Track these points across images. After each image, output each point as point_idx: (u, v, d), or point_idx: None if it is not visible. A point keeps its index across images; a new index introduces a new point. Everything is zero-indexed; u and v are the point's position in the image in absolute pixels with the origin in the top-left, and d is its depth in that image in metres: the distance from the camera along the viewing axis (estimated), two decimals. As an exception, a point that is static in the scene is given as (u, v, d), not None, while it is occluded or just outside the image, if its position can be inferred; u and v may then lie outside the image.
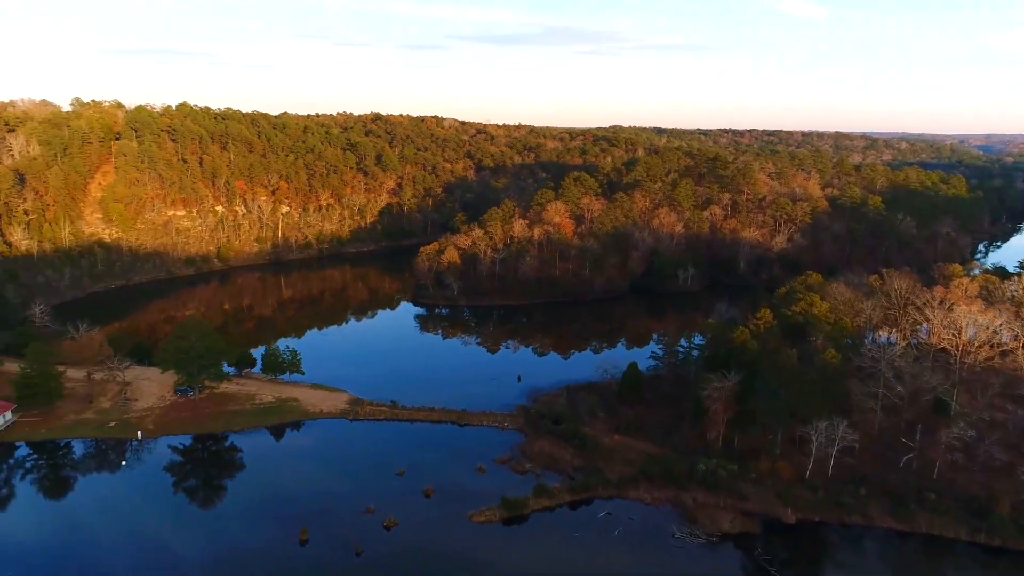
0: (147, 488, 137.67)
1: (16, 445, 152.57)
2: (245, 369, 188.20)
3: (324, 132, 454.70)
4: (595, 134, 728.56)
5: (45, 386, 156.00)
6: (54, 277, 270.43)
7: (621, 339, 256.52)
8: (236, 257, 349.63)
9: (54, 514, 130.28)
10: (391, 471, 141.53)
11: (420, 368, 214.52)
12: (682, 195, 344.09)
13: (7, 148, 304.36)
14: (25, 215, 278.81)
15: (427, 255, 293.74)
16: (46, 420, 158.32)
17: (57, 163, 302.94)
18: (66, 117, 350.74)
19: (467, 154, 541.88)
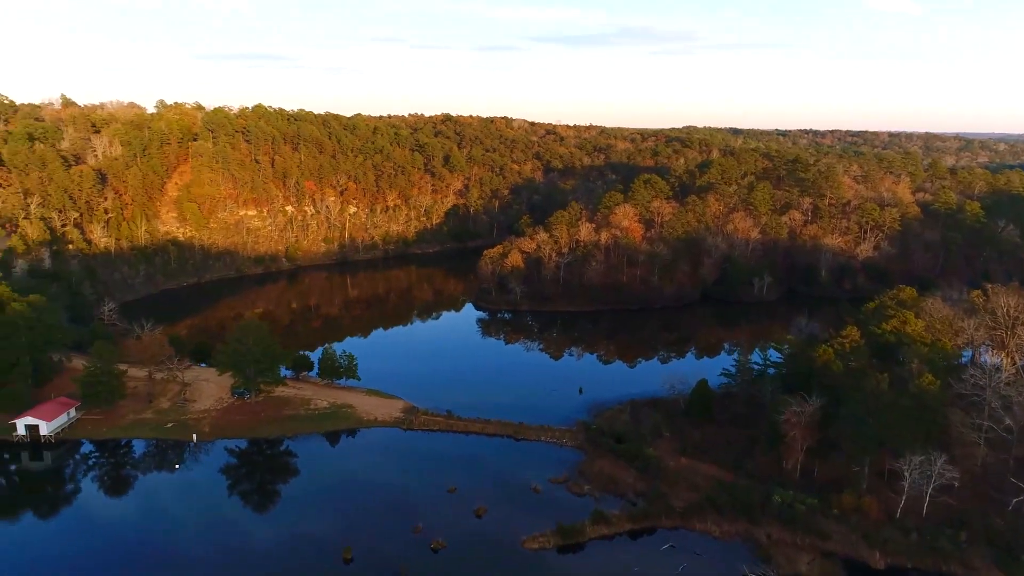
0: (201, 491, 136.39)
1: (81, 443, 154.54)
2: (302, 372, 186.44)
3: (393, 133, 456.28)
4: (668, 135, 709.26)
5: (107, 385, 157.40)
6: (130, 274, 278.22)
7: (690, 349, 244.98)
8: (304, 257, 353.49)
9: (111, 512, 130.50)
10: (442, 487, 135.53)
11: (479, 375, 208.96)
12: (759, 199, 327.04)
13: (92, 149, 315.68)
14: (105, 213, 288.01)
15: (490, 258, 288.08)
16: (108, 418, 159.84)
17: (136, 163, 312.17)
18: (148, 119, 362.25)
19: (535, 155, 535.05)
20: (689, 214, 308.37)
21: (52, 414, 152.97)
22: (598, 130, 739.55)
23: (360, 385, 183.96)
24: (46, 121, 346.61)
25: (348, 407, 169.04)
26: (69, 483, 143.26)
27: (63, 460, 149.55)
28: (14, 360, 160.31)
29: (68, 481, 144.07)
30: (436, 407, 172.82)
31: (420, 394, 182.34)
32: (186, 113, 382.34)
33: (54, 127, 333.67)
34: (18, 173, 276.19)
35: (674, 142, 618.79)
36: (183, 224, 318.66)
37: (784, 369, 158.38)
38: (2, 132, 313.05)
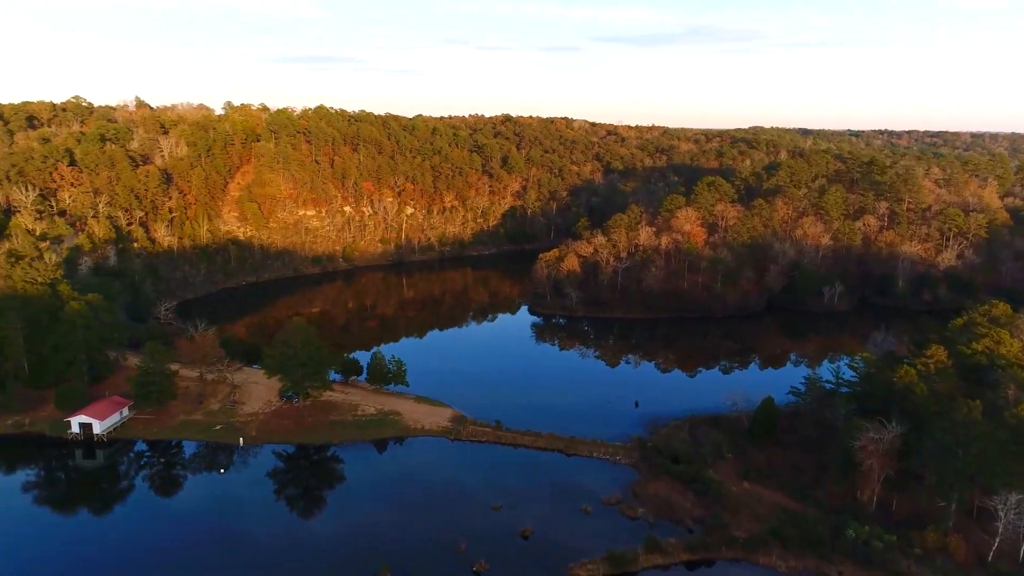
0: (244, 498, 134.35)
1: (132, 442, 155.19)
2: (351, 377, 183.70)
3: (452, 134, 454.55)
4: (733, 135, 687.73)
5: (158, 386, 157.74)
6: (191, 273, 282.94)
7: (754, 360, 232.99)
8: (360, 257, 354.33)
9: (157, 513, 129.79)
10: (488, 503, 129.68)
11: (531, 382, 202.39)
12: (831, 203, 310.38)
13: (159, 149, 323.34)
14: (169, 213, 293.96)
15: (546, 262, 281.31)
16: (159, 418, 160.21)
17: (201, 163, 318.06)
18: (214, 120, 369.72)
19: (595, 156, 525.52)
20: (755, 218, 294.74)
21: (105, 413, 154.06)
22: (660, 130, 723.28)
23: (409, 391, 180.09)
24: (119, 123, 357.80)
25: (396, 414, 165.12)
26: (120, 483, 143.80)
27: (115, 459, 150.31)
28: (71, 358, 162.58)
29: (119, 481, 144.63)
30: (485, 417, 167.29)
31: (469, 401, 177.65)
32: (251, 114, 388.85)
33: (125, 128, 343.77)
34: (89, 173, 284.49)
35: (740, 143, 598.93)
36: (244, 224, 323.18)
37: (859, 389, 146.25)
38: (76, 133, 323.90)
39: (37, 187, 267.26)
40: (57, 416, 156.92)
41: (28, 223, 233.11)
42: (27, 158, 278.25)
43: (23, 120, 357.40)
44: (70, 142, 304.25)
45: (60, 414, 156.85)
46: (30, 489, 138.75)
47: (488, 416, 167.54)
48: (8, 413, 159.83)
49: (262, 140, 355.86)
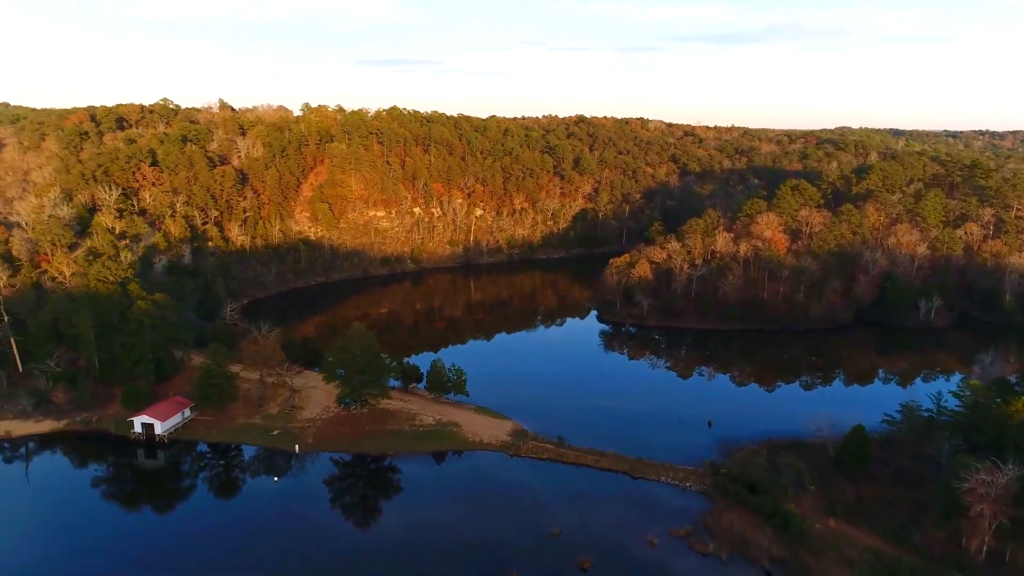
0: (296, 508, 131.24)
1: (192, 444, 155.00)
2: (411, 384, 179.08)
3: (524, 134, 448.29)
4: (818, 136, 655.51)
5: (219, 388, 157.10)
6: (262, 272, 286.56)
7: (838, 376, 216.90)
8: (429, 258, 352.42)
9: (212, 517, 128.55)
10: (545, 528, 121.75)
11: (597, 393, 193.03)
12: (928, 209, 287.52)
13: (236, 150, 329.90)
14: (243, 212, 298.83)
15: (616, 268, 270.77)
16: (218, 421, 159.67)
17: (275, 164, 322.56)
18: (290, 121, 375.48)
19: (671, 158, 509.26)
20: (843, 225, 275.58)
21: (167, 414, 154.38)
22: (740, 131, 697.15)
23: (468, 401, 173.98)
24: (200, 124, 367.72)
25: (454, 425, 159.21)
26: (178, 485, 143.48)
27: (174, 460, 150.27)
28: (138, 357, 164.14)
29: (177, 483, 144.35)
30: (547, 431, 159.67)
31: (531, 413, 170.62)
32: (326, 116, 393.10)
33: (206, 130, 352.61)
34: (169, 173, 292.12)
35: (826, 144, 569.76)
36: (315, 224, 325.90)
37: (965, 420, 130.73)
38: (160, 134, 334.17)
39: (120, 186, 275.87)
40: (123, 414, 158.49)
41: (109, 221, 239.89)
42: (113, 158, 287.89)
43: (113, 122, 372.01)
44: (153, 143, 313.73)
45: (126, 412, 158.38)
46: (94, 486, 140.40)
47: (550, 430, 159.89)
48: (79, 409, 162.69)
49: (335, 141, 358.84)
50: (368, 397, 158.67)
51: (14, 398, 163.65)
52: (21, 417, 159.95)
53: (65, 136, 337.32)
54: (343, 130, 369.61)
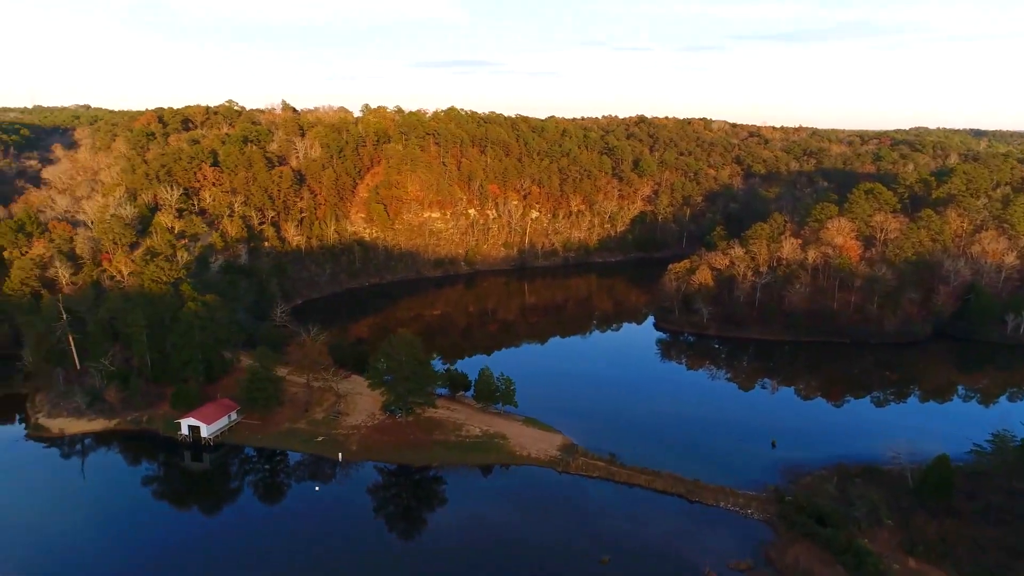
0: (338, 519, 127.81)
1: (237, 448, 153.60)
2: (459, 392, 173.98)
3: (582, 135, 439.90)
4: (892, 137, 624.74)
5: (265, 392, 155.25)
6: (317, 273, 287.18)
7: (913, 392, 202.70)
8: (483, 261, 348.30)
9: (253, 524, 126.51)
10: (594, 555, 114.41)
11: (652, 406, 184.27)
12: (1017, 215, 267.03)
13: (295, 151, 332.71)
14: (300, 213, 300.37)
15: (675, 274, 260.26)
16: (264, 425, 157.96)
17: (332, 165, 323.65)
18: (348, 122, 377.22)
19: (735, 159, 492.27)
20: (922, 231, 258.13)
21: (213, 416, 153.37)
22: (809, 131, 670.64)
23: (517, 411, 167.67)
24: (261, 125, 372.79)
25: (501, 437, 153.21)
26: (221, 489, 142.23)
27: (219, 464, 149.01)
28: (188, 358, 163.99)
29: (221, 487, 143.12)
30: (598, 445, 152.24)
31: (582, 425, 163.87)
32: (384, 116, 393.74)
33: (267, 130, 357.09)
34: (229, 173, 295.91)
35: (901, 145, 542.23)
36: (370, 225, 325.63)
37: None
38: (222, 135, 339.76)
39: (182, 186, 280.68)
40: (172, 415, 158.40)
41: (168, 221, 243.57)
42: (176, 158, 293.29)
43: (179, 123, 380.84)
44: (215, 144, 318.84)
45: (175, 413, 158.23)
46: (142, 486, 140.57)
47: (601, 445, 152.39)
48: (130, 408, 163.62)
49: (392, 142, 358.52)
50: (414, 406, 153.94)
51: (70, 396, 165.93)
52: (75, 415, 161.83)
53: (133, 137, 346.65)
54: (400, 131, 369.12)
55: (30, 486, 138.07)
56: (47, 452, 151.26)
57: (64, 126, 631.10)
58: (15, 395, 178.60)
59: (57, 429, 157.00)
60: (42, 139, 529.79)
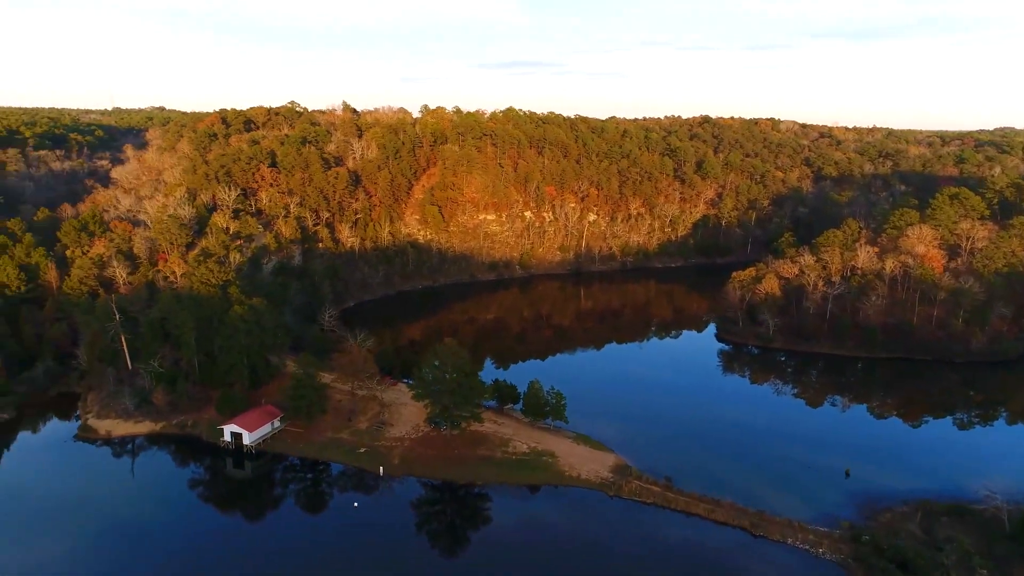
0: (383, 529, 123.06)
1: (279, 457, 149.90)
2: (507, 405, 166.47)
3: (644, 136, 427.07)
4: (977, 138, 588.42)
5: (309, 399, 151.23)
6: (370, 275, 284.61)
7: (1001, 415, 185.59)
8: (538, 265, 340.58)
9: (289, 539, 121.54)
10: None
11: (713, 423, 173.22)
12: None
13: (352, 152, 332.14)
14: (354, 214, 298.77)
15: (740, 282, 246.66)
16: (307, 433, 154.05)
17: (387, 166, 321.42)
18: (405, 123, 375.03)
19: (805, 161, 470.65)
20: (1014, 240, 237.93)
21: (256, 423, 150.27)
22: (884, 132, 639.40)
23: (567, 427, 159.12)
24: (321, 126, 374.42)
25: (549, 455, 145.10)
26: (262, 498, 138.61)
27: (260, 472, 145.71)
28: (233, 363, 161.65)
29: (261, 496, 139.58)
30: (652, 467, 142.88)
31: (636, 443, 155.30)
32: (442, 117, 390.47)
33: (325, 131, 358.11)
34: (285, 174, 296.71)
35: (986, 147, 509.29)
36: (424, 227, 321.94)
37: None
38: (281, 136, 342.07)
39: (240, 187, 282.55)
40: (217, 420, 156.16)
41: (224, 222, 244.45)
42: (235, 159, 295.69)
43: (241, 124, 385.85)
44: (274, 144, 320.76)
45: (219, 418, 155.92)
46: (187, 489, 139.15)
47: (656, 466, 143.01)
48: (176, 412, 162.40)
49: (449, 143, 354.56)
50: (459, 420, 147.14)
51: (119, 397, 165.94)
52: (123, 416, 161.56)
53: (196, 138, 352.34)
54: (457, 132, 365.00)
55: (73, 489, 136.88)
56: (93, 454, 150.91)
57: (138, 127, 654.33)
58: (70, 394, 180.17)
59: (104, 431, 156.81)
60: (116, 140, 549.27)
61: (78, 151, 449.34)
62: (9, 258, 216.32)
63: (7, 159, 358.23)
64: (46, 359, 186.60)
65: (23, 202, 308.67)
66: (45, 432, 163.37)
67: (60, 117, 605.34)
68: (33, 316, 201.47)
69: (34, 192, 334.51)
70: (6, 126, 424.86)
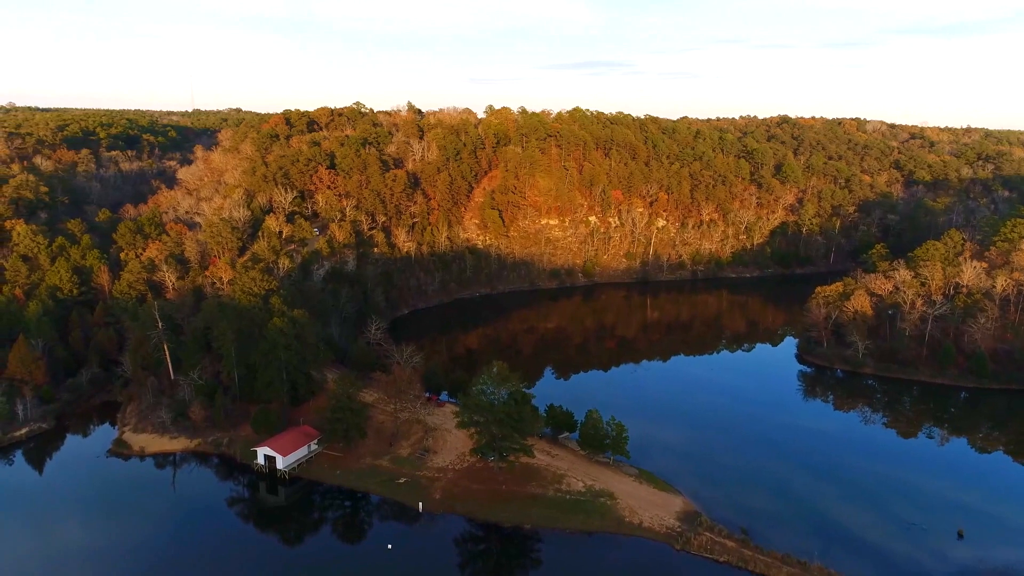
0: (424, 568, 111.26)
1: (314, 485, 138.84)
2: (562, 434, 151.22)
3: (718, 137, 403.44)
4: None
5: (346, 423, 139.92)
6: (425, 281, 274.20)
7: None
8: (602, 273, 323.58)
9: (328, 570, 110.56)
10: None
11: (794, 459, 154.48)
12: None
13: (412, 153, 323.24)
14: (411, 218, 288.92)
15: (825, 298, 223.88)
16: (345, 458, 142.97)
17: (447, 168, 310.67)
18: (467, 124, 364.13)
19: (894, 164, 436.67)
20: None
21: (291, 447, 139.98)
22: (981, 133, 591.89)
23: (629, 462, 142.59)
24: (383, 127, 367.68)
25: (608, 496, 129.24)
26: (293, 529, 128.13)
27: (294, 500, 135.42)
28: (270, 379, 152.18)
29: (293, 526, 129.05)
30: (726, 515, 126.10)
31: (706, 483, 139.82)
32: (506, 118, 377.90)
33: (387, 132, 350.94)
34: (343, 176, 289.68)
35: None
36: (483, 231, 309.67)
37: None
38: (342, 137, 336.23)
39: (297, 188, 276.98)
40: (252, 439, 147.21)
41: (277, 225, 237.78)
42: (293, 161, 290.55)
43: (304, 125, 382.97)
44: (334, 146, 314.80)
45: (255, 438, 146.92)
46: (223, 510, 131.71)
47: (730, 513, 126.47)
48: (213, 428, 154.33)
49: (512, 144, 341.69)
50: (507, 452, 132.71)
51: (157, 410, 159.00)
52: (159, 431, 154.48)
53: (258, 139, 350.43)
54: (520, 133, 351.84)
55: (95, 512, 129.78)
56: (123, 472, 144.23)
57: (213, 128, 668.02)
58: (113, 403, 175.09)
59: (138, 447, 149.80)
60: (189, 141, 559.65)
61: (149, 152, 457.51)
62: (65, 260, 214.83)
63: (79, 159, 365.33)
64: (92, 366, 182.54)
65: (89, 202, 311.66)
66: (80, 445, 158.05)
67: (139, 118, 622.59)
68: (84, 320, 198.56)
69: (100, 192, 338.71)
70: (82, 127, 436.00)
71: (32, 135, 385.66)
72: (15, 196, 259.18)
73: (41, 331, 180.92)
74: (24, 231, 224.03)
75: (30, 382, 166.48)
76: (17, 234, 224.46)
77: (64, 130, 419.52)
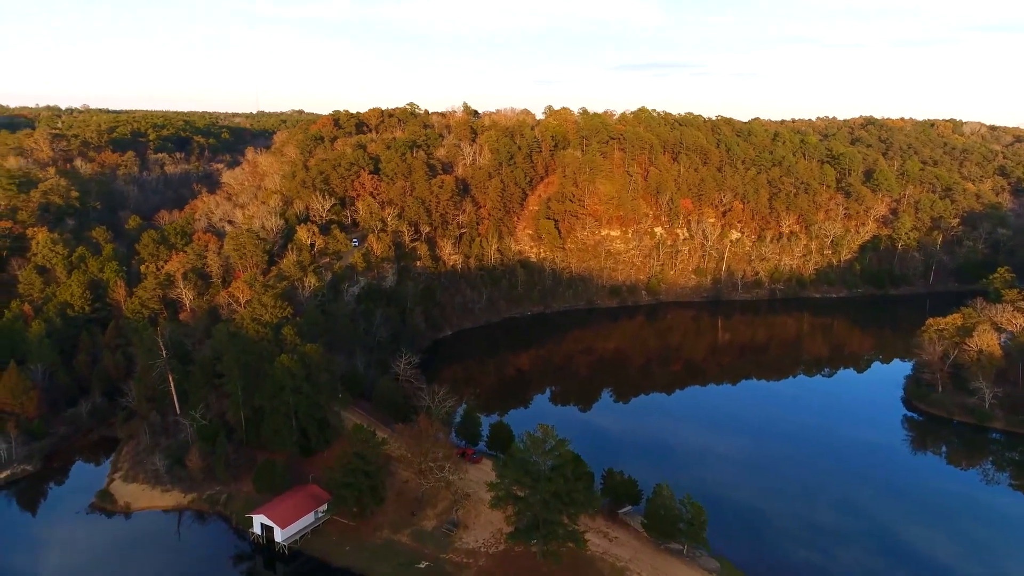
0: None
1: (316, 565, 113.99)
2: (624, 508, 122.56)
3: (799, 140, 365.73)
4: None
5: (358, 488, 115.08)
6: (472, 298, 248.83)
7: None
8: (668, 290, 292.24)
9: None
10: None
11: (913, 544, 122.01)
12: None
13: (462, 158, 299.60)
14: (458, 228, 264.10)
15: (940, 332, 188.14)
16: (359, 529, 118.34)
17: (500, 173, 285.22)
18: (522, 126, 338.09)
19: (999, 170, 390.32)
20: None
21: (292, 515, 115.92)
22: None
23: (708, 554, 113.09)
24: (433, 128, 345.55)
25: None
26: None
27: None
28: (277, 427, 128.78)
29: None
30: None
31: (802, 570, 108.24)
32: (565, 119, 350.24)
33: (437, 135, 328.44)
34: (387, 182, 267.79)
35: None
36: (537, 243, 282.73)
37: None
38: (388, 139, 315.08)
39: (337, 195, 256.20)
40: (253, 498, 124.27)
41: (310, 237, 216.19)
42: (335, 165, 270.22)
43: (352, 126, 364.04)
44: (380, 149, 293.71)
45: (256, 497, 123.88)
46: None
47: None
48: (211, 480, 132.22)
49: (571, 147, 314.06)
50: (552, 540, 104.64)
51: (151, 455, 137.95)
52: (151, 481, 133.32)
53: (303, 141, 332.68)
54: (581, 135, 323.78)
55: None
56: (101, 533, 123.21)
57: (271, 129, 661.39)
58: (111, 438, 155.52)
59: (123, 502, 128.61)
60: (245, 142, 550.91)
61: (199, 154, 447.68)
62: (82, 273, 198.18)
63: (121, 162, 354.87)
64: (95, 394, 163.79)
65: (125, 208, 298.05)
66: (60, 495, 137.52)
67: (197, 120, 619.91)
68: (94, 341, 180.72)
69: (138, 197, 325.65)
70: (132, 129, 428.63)
71: (78, 137, 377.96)
72: (43, 201, 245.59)
73: (42, 355, 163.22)
74: (44, 240, 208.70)
75: (19, 415, 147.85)
76: (36, 243, 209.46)
77: (113, 132, 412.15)
